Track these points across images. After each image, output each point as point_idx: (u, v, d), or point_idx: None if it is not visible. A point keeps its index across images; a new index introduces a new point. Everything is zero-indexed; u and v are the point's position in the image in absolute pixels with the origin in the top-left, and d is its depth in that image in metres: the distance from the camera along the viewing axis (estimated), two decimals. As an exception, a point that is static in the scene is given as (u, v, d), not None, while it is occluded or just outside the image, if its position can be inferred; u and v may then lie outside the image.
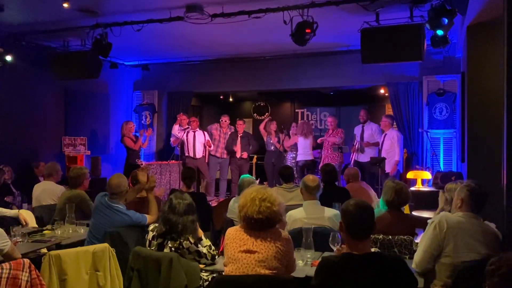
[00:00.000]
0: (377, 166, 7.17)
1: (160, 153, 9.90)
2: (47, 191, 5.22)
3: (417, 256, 2.90)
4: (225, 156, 8.98)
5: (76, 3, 5.71)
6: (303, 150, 8.78)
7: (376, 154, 8.05)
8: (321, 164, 8.20)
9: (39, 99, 7.95)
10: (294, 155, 8.89)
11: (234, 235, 2.71)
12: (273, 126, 9.12)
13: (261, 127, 9.43)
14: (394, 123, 8.19)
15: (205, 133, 8.81)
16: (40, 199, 5.19)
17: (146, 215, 4.13)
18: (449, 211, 3.52)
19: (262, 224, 2.65)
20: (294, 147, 8.91)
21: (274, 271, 2.59)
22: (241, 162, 8.91)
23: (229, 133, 9.06)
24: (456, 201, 3.01)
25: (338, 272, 2.28)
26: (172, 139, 9.19)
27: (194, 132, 8.70)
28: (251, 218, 2.64)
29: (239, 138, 8.90)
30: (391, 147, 7.71)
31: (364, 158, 8.11)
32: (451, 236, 2.79)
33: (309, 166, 8.77)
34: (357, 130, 8.47)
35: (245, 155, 8.92)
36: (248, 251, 2.61)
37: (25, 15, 6.24)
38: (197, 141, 8.70)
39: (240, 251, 2.63)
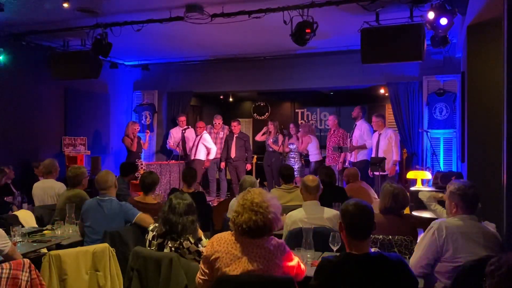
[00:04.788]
0: (377, 166, 7.14)
1: (160, 153, 9.91)
2: (47, 189, 5.23)
3: (412, 260, 2.89)
4: (219, 156, 9.00)
5: (76, 3, 5.71)
6: (317, 150, 8.76)
7: (367, 157, 7.95)
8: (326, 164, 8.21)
9: (39, 99, 7.95)
10: (294, 155, 8.86)
11: (227, 249, 2.56)
12: (271, 126, 9.11)
13: (258, 138, 9.39)
14: (386, 121, 8.08)
15: (207, 138, 8.83)
16: (43, 198, 5.20)
17: (141, 212, 4.12)
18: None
19: (254, 233, 2.53)
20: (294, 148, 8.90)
21: None
22: (236, 163, 8.91)
23: (223, 134, 9.06)
24: (450, 206, 3.00)
25: (337, 272, 2.28)
26: (170, 142, 9.20)
27: (200, 137, 8.75)
28: (244, 228, 2.53)
29: (234, 139, 8.91)
30: (388, 147, 7.57)
31: (354, 158, 8.05)
32: (451, 241, 2.78)
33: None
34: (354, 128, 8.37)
35: (248, 167, 9.00)
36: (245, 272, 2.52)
37: (25, 15, 6.24)
38: (200, 145, 8.73)
39: (235, 270, 2.53)
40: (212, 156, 8.84)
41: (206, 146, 8.78)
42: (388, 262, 2.30)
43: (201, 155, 8.79)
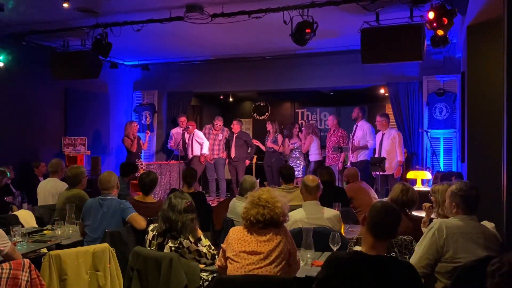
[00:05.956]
0: (377, 166, 7.14)
1: (160, 153, 9.91)
2: (51, 188, 5.24)
3: (413, 260, 2.88)
4: (216, 156, 8.97)
5: (76, 3, 5.71)
6: (318, 149, 8.77)
7: (367, 156, 7.95)
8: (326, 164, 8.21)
9: (39, 99, 7.94)
10: (298, 155, 8.85)
11: (238, 236, 2.74)
12: (269, 126, 9.11)
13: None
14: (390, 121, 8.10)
15: (199, 134, 8.82)
16: (47, 197, 5.21)
17: (136, 213, 4.12)
18: (438, 213, 3.51)
19: (264, 225, 2.70)
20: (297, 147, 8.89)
21: (278, 269, 2.62)
22: (236, 163, 8.92)
23: (223, 136, 9.06)
24: (450, 206, 2.99)
25: (344, 269, 2.25)
26: (171, 143, 9.21)
27: (192, 136, 8.74)
28: (253, 221, 2.70)
29: (234, 139, 8.92)
30: (392, 147, 7.57)
31: (355, 158, 8.05)
32: (451, 242, 2.78)
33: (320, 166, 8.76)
34: (354, 129, 8.33)
35: (247, 162, 9.01)
36: (253, 252, 2.64)
37: (25, 15, 6.24)
38: (194, 142, 8.72)
39: (244, 251, 2.66)
40: (205, 150, 8.77)
41: (198, 142, 8.74)
42: (397, 268, 2.25)
43: (197, 152, 8.78)
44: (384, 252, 2.35)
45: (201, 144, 8.77)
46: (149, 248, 3.20)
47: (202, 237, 3.24)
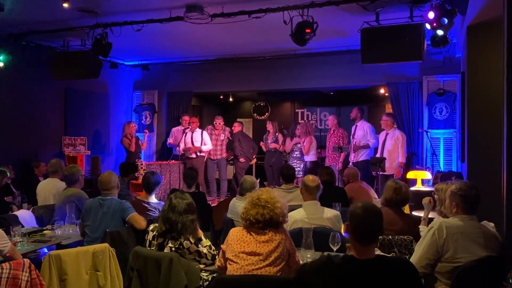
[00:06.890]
0: (377, 166, 7.13)
1: (160, 153, 9.91)
2: (52, 188, 5.24)
3: (413, 260, 2.87)
4: (218, 157, 8.98)
5: (76, 3, 5.71)
6: (314, 150, 8.75)
7: (368, 156, 7.94)
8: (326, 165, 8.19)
9: (39, 99, 7.94)
10: (298, 155, 8.82)
11: (237, 236, 2.74)
12: (269, 126, 9.11)
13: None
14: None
15: (203, 132, 8.81)
16: (47, 197, 5.21)
17: (136, 213, 4.12)
18: (441, 211, 3.51)
19: (264, 225, 2.70)
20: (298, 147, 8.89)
21: (277, 270, 2.62)
22: (236, 164, 8.98)
23: (225, 136, 9.09)
24: (450, 206, 2.99)
25: (336, 274, 2.21)
26: (170, 140, 9.23)
27: (192, 132, 8.72)
28: (252, 221, 2.70)
29: (233, 139, 9.01)
30: (394, 148, 7.53)
31: (355, 158, 8.03)
32: (451, 241, 2.77)
33: (315, 167, 8.74)
34: (353, 129, 8.32)
35: (242, 160, 9.03)
36: (253, 253, 2.64)
37: (25, 15, 6.24)
38: (194, 141, 8.71)
39: (243, 252, 2.65)
40: (204, 149, 8.75)
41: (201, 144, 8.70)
42: (391, 268, 2.21)
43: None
44: (374, 253, 2.28)
45: (199, 147, 8.72)
46: (149, 248, 3.20)
47: (203, 238, 3.23)
